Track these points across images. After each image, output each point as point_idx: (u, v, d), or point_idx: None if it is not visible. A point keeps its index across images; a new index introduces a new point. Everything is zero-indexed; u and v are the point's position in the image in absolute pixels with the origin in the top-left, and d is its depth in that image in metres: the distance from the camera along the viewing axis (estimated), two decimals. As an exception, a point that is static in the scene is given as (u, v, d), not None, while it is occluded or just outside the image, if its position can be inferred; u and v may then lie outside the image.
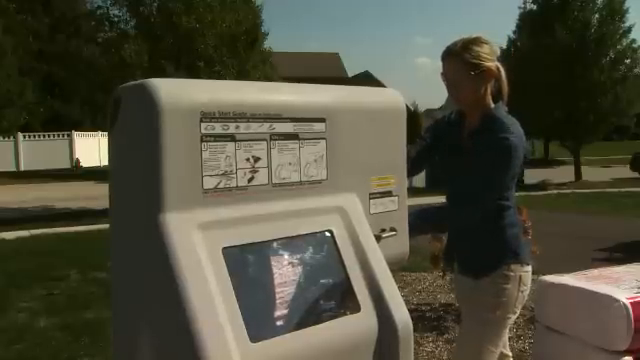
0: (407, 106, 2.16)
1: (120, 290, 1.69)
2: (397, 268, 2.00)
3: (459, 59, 2.43)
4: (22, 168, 27.06)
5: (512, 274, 2.49)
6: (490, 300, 2.49)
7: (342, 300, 1.72)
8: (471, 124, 2.54)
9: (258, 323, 1.52)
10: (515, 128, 2.42)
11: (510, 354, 2.84)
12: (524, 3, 21.08)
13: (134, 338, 1.64)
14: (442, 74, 2.52)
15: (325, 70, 38.90)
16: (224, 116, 1.57)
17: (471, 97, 2.48)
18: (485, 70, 2.44)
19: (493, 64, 2.46)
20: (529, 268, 2.57)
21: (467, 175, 2.44)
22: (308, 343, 1.59)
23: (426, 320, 4.98)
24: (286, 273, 1.64)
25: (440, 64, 2.51)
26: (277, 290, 1.60)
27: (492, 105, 2.50)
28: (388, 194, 2.01)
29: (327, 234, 1.77)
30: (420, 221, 2.32)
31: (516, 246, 2.54)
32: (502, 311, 2.49)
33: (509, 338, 4.45)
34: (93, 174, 22.38)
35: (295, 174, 1.74)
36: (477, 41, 2.45)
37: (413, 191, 2.43)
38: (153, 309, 1.52)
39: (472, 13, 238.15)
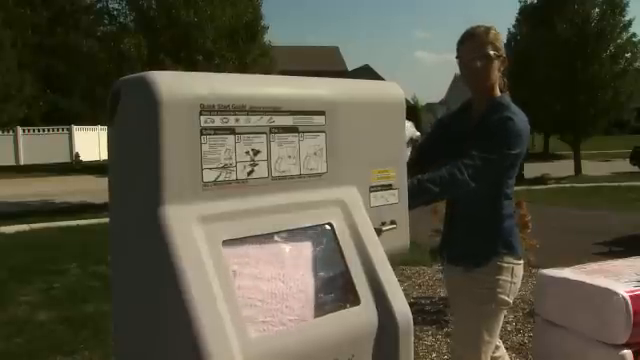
0: (407, 100, 2.16)
1: (120, 284, 1.69)
2: (397, 261, 2.00)
3: (483, 40, 2.48)
4: (22, 162, 27.01)
5: (505, 265, 2.50)
6: (485, 292, 2.50)
7: (342, 293, 1.72)
8: (478, 111, 2.57)
9: (258, 316, 1.52)
10: (521, 114, 2.48)
11: (500, 344, 2.86)
12: (525, -5, 21.06)
13: (134, 332, 1.65)
14: (459, 57, 2.53)
15: (325, 64, 38.88)
16: (224, 109, 1.57)
17: (486, 80, 2.51)
18: (503, 57, 2.52)
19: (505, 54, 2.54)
20: (521, 262, 2.58)
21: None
22: (308, 336, 1.60)
23: (426, 314, 4.99)
24: (286, 266, 1.64)
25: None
26: (277, 283, 1.60)
27: (499, 94, 2.56)
28: (388, 187, 2.01)
29: (327, 227, 1.76)
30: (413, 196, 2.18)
31: (511, 238, 2.55)
32: (497, 302, 2.50)
33: (508, 332, 4.48)
34: (93, 168, 22.37)
35: (295, 167, 1.74)
36: (495, 29, 2.52)
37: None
38: (153, 302, 1.52)
39: (475, 6, 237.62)
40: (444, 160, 2.41)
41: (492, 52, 2.47)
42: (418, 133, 2.46)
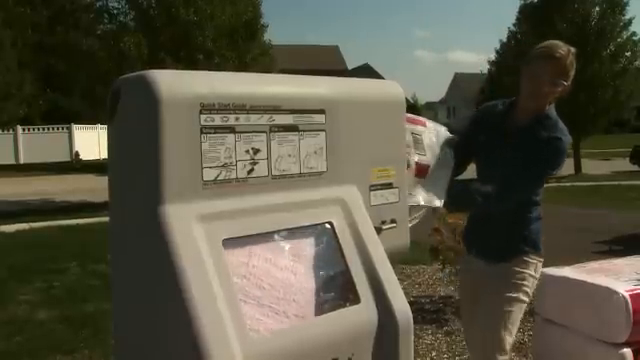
0: (407, 99, 2.17)
1: (120, 283, 1.69)
2: (397, 260, 2.00)
3: (561, 68, 2.51)
4: (21, 161, 26.99)
5: (530, 260, 2.63)
6: (509, 284, 2.59)
7: (342, 292, 1.72)
8: (522, 118, 2.60)
9: (258, 315, 1.52)
10: (565, 130, 2.56)
11: None
12: (525, -6, 21.02)
13: (134, 331, 1.64)
14: (532, 69, 2.54)
15: (325, 63, 38.87)
16: (224, 108, 1.57)
17: (545, 100, 2.57)
18: (568, 85, 2.55)
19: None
20: (542, 260, 2.69)
21: (510, 163, 2.50)
22: (308, 335, 1.60)
23: (425, 312, 4.99)
24: (286, 265, 1.64)
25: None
26: (277, 282, 1.60)
27: (547, 107, 2.60)
28: (388, 186, 2.01)
29: (327, 226, 1.76)
30: (455, 200, 2.42)
31: (537, 239, 2.67)
32: (522, 294, 2.60)
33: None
34: (92, 167, 22.35)
35: (295, 166, 1.74)
36: (574, 53, 2.55)
37: None
38: (153, 301, 1.52)
39: (474, 5, 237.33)
40: (478, 154, 2.68)
41: (564, 82, 2.52)
42: (452, 135, 2.53)
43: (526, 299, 2.63)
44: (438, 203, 2.31)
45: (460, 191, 2.44)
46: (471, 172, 2.74)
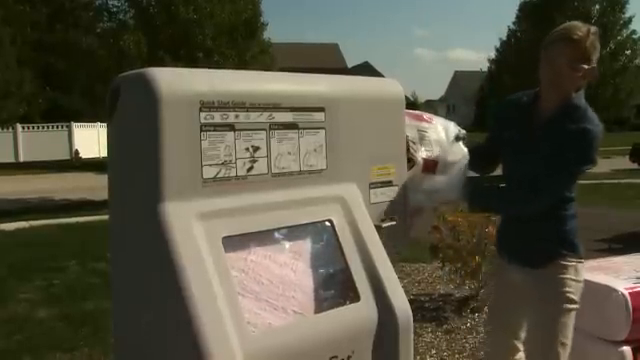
0: (406, 97, 2.16)
1: (120, 281, 1.69)
2: (397, 258, 2.00)
3: (581, 51, 2.29)
4: (21, 159, 26.96)
5: (569, 264, 2.42)
6: (552, 294, 2.41)
7: (342, 289, 1.72)
8: (547, 108, 2.42)
9: (258, 312, 1.52)
10: (596, 119, 2.35)
11: (521, 348, 2.68)
12: (525, -8, 21.04)
13: (134, 330, 1.64)
14: (550, 55, 2.36)
15: (324, 61, 38.82)
16: (223, 105, 1.57)
17: (567, 87, 2.36)
18: (592, 69, 2.33)
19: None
20: (583, 260, 2.48)
21: (538, 160, 2.33)
22: (308, 333, 1.60)
23: (425, 311, 4.99)
24: (286, 263, 1.64)
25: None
26: (277, 279, 1.60)
27: (574, 94, 2.40)
28: (388, 184, 2.01)
29: (327, 224, 1.76)
30: (479, 202, 2.40)
31: (574, 239, 2.47)
32: (568, 302, 2.41)
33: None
34: (92, 165, 22.32)
35: (294, 164, 1.74)
36: (594, 33, 2.32)
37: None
38: (153, 299, 1.52)
39: (473, 3, 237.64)
40: (504, 150, 2.53)
41: (584, 65, 2.29)
42: (464, 131, 2.45)
43: (573, 306, 2.41)
44: (451, 200, 2.28)
45: (484, 194, 2.37)
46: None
